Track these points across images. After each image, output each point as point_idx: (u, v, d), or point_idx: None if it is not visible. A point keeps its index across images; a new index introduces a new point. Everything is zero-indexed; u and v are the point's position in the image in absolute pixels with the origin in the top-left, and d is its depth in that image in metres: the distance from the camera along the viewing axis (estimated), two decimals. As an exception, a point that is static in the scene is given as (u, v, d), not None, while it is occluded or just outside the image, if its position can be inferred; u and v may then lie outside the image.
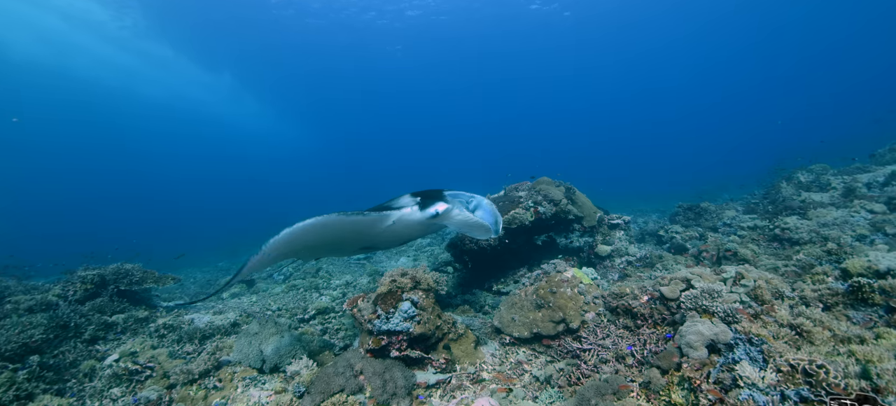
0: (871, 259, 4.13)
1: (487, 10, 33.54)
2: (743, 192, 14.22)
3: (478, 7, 33.25)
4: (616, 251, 8.72)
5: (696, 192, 20.92)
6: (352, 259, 15.86)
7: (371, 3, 31.31)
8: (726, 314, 3.19)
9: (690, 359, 2.91)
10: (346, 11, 31.74)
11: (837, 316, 3.57)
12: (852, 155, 13.08)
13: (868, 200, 7.82)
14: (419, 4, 32.57)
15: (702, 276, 4.04)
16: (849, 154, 14.14)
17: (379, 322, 4.98)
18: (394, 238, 5.39)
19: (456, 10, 33.49)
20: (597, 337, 4.54)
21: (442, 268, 11.35)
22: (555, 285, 5.48)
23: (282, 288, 12.15)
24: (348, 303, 5.78)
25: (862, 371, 2.36)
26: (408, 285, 5.21)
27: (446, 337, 5.30)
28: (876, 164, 11.29)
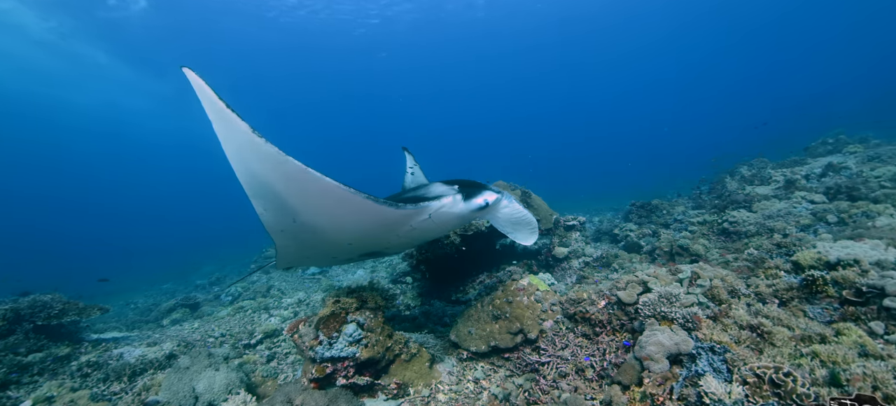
0: (820, 250, 4.13)
1: (425, 13, 33.21)
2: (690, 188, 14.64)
3: (425, 11, 32.96)
4: (573, 252, 8.63)
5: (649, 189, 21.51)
6: (306, 273, 15.19)
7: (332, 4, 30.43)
8: (686, 320, 3.03)
9: (652, 373, 2.71)
10: (298, 11, 30.62)
11: (794, 312, 3.49)
12: (788, 149, 13.78)
13: (808, 191, 8.10)
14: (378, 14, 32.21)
15: (658, 277, 3.89)
16: (783, 148, 14.89)
17: (321, 348, 4.54)
18: (414, 240, 4.35)
19: (396, 17, 33.12)
20: (555, 347, 4.32)
21: (401, 279, 11.00)
22: (511, 294, 5.23)
23: (228, 310, 11.37)
24: (289, 328, 5.31)
25: (830, 376, 2.22)
26: (353, 305, 4.80)
27: (398, 359, 4.92)
28: (811, 157, 11.86)
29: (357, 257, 4.61)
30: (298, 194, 3.09)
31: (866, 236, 4.88)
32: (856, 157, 10.40)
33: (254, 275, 16.23)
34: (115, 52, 31.73)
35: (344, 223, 3.53)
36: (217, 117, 2.60)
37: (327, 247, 4.31)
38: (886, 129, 14.03)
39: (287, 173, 2.82)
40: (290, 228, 3.57)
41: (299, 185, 2.96)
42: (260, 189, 3.05)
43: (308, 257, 5.04)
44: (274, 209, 3.28)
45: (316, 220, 3.44)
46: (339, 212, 3.30)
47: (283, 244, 3.97)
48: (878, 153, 10.11)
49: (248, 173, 2.93)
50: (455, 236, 8.54)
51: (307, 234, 3.70)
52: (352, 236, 3.89)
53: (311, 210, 3.30)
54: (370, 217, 3.39)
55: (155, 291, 18.32)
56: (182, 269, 24.56)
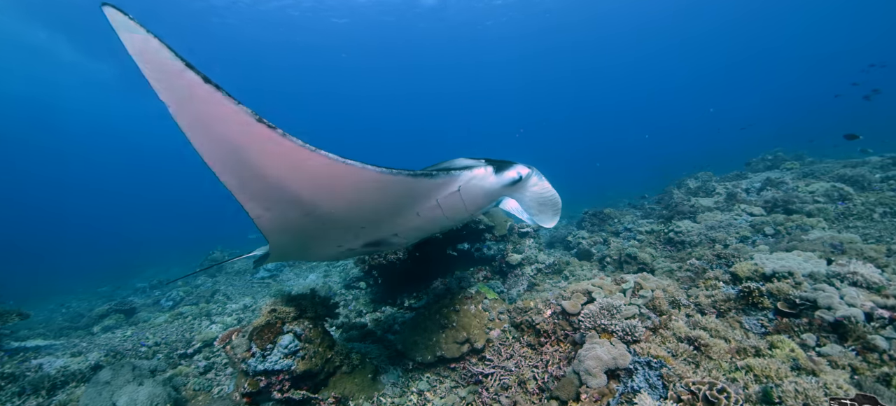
0: (757, 262, 4.23)
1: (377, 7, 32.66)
2: (639, 198, 15.09)
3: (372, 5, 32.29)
4: (526, 259, 8.63)
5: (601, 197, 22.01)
6: (255, 277, 14.57)
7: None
8: (625, 332, 2.98)
9: (589, 388, 2.64)
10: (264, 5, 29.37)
11: (732, 323, 3.53)
12: (730, 164, 14.44)
13: (748, 204, 8.45)
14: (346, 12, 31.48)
15: (603, 286, 3.86)
16: (727, 163, 15.62)
17: (254, 361, 4.24)
18: (431, 222, 3.73)
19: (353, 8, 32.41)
20: (501, 358, 4.21)
21: (354, 284, 10.73)
22: (458, 303, 5.11)
23: (166, 316, 10.70)
24: (221, 338, 4.96)
25: (763, 393, 2.21)
26: (291, 315, 4.52)
27: (339, 370, 4.68)
28: (752, 172, 12.47)
29: (360, 248, 3.98)
30: (324, 189, 2.55)
31: (800, 248, 5.07)
32: (792, 172, 10.99)
33: (198, 278, 15.44)
34: (49, 24, 28.94)
35: (366, 207, 3.00)
36: (182, 94, 1.94)
37: (336, 237, 3.64)
38: (819, 148, 15.00)
39: (312, 171, 2.30)
40: (295, 226, 3.02)
41: (328, 181, 2.45)
42: (263, 191, 2.50)
43: (305, 253, 4.45)
44: (280, 209, 2.71)
45: (334, 214, 2.89)
46: (368, 198, 2.80)
47: (281, 241, 3.40)
48: (812, 170, 10.73)
49: (244, 173, 2.34)
50: (408, 241, 8.34)
51: (317, 228, 3.13)
52: (368, 219, 3.32)
53: (333, 203, 2.76)
54: (398, 192, 2.89)
55: (90, 295, 17.10)
56: (123, 271, 23.08)
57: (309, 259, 5.65)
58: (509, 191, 3.68)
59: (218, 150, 2.23)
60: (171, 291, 13.52)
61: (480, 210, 3.94)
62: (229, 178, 2.42)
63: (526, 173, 3.54)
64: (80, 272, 25.37)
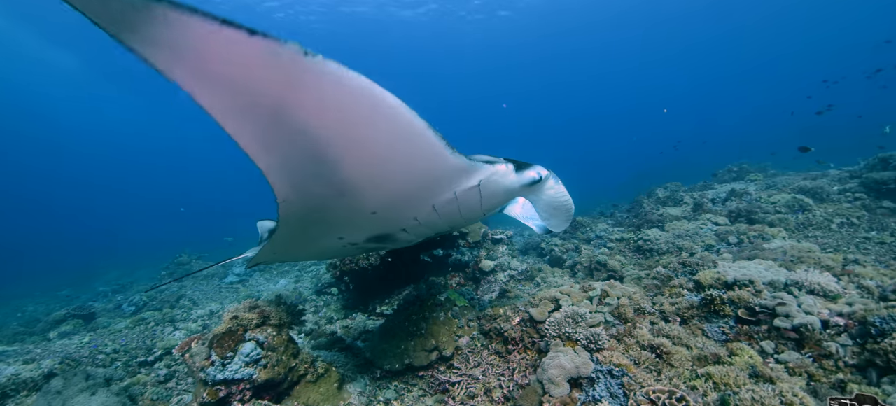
0: (719, 270, 4.31)
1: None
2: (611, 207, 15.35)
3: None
4: (499, 265, 8.64)
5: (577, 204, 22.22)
6: (223, 283, 14.17)
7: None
8: (589, 340, 2.98)
9: (552, 397, 2.62)
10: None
11: (694, 330, 3.58)
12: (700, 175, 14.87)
13: (713, 214, 8.67)
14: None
15: (570, 294, 3.87)
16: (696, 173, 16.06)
17: (213, 370, 4.08)
18: (442, 218, 3.47)
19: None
20: (469, 366, 4.17)
21: (325, 290, 10.56)
22: (428, 309, 5.05)
23: (127, 322, 10.30)
24: (180, 346, 4.77)
25: (721, 401, 2.22)
26: (253, 322, 4.38)
27: (303, 379, 4.54)
28: (718, 182, 12.84)
29: (363, 242, 3.66)
30: (358, 137, 2.19)
31: (761, 257, 5.21)
32: (756, 184, 11.36)
33: (164, 283, 14.93)
34: (7, 14, 27.45)
35: (391, 176, 2.64)
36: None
37: (342, 224, 3.25)
38: (782, 160, 15.58)
39: (370, 109, 1.99)
40: (314, 204, 2.65)
41: (366, 124, 2.12)
42: (292, 133, 2.05)
43: (304, 247, 3.89)
44: (310, 163, 2.24)
45: (355, 182, 2.51)
46: (397, 163, 2.48)
47: (287, 233, 3.03)
48: (774, 182, 11.12)
49: (277, 108, 1.91)
50: (380, 246, 8.25)
51: (330, 206, 2.79)
52: (384, 200, 2.94)
53: (360, 161, 2.38)
54: (429, 164, 2.61)
55: (49, 298, 16.36)
56: (85, 273, 22.14)
57: (305, 257, 5.09)
58: (526, 192, 3.57)
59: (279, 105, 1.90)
60: (133, 296, 13.04)
61: (492, 211, 3.78)
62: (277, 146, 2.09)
63: (545, 175, 3.45)
64: (39, 275, 24.24)
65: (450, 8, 33.63)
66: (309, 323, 8.38)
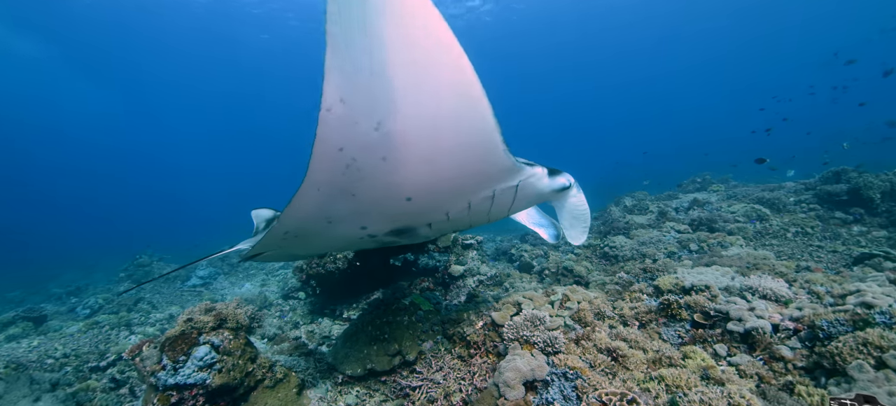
0: (678, 276, 4.40)
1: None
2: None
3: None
4: (468, 271, 8.62)
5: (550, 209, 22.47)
6: (185, 286, 13.71)
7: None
8: (546, 344, 2.99)
9: (507, 400, 2.60)
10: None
11: (651, 334, 3.63)
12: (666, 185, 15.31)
13: (676, 222, 8.90)
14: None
15: (533, 298, 3.87)
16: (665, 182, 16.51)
17: (164, 374, 3.91)
18: (471, 217, 3.33)
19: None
20: (430, 370, 4.11)
21: (293, 294, 10.35)
22: (391, 314, 4.98)
23: (81, 325, 9.84)
24: (130, 350, 4.55)
25: (671, 403, 2.25)
26: (209, 324, 4.22)
27: (260, 385, 4.39)
28: (682, 192, 13.21)
29: (382, 235, 3.37)
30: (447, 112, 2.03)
31: (719, 264, 5.35)
32: (717, 194, 11.75)
33: (121, 285, 14.35)
34: None
35: (447, 160, 2.41)
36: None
37: (374, 213, 2.95)
38: (743, 171, 16.18)
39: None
40: (364, 175, 2.34)
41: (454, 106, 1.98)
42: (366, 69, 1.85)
43: (320, 235, 3.31)
44: (374, 103, 1.99)
45: (416, 142, 2.24)
46: (460, 151, 2.29)
47: (321, 181, 2.44)
48: (735, 192, 11.52)
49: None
50: (349, 250, 8.16)
51: (377, 166, 2.39)
52: (429, 185, 2.67)
53: (436, 139, 2.19)
54: (485, 155, 2.44)
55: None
56: (39, 275, 21.04)
57: (315, 248, 4.32)
58: (553, 198, 3.56)
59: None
60: (88, 298, 12.47)
61: (515, 212, 3.69)
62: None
63: (572, 182, 3.43)
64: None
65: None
66: (273, 327, 8.19)
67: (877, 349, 3.09)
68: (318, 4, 29.50)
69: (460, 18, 33.83)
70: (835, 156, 13.57)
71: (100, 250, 29.47)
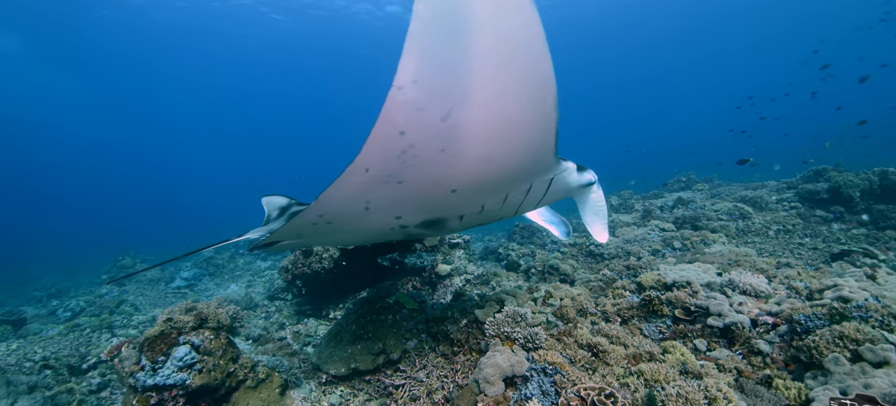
0: (660, 272, 4.44)
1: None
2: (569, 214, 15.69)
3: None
4: (455, 270, 8.62)
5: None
6: (169, 288, 13.51)
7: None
8: (527, 340, 2.98)
9: (487, 396, 2.59)
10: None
11: (633, 330, 3.65)
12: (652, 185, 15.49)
13: (661, 221, 8.98)
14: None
15: (516, 296, 3.87)
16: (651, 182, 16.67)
17: (143, 375, 3.86)
18: (504, 208, 3.27)
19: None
20: (414, 368, 4.09)
21: (279, 295, 10.25)
22: (376, 313, 4.95)
23: (61, 328, 9.65)
24: (109, 351, 4.49)
25: (648, 397, 2.25)
26: (189, 324, 4.17)
27: (242, 385, 4.35)
28: (667, 191, 13.36)
29: (413, 227, 3.25)
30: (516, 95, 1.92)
31: (701, 261, 5.41)
32: (701, 193, 11.89)
33: (103, 287, 14.10)
34: None
35: (504, 150, 2.32)
36: None
37: (413, 202, 2.83)
38: (728, 170, 16.40)
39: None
40: (427, 126, 2.11)
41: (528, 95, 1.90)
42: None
43: (349, 220, 3.03)
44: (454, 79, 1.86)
45: (482, 130, 2.12)
46: (520, 131, 2.16)
47: (377, 161, 2.27)
48: (718, 191, 11.67)
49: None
50: (334, 250, 8.11)
51: (436, 156, 2.28)
52: (478, 178, 2.56)
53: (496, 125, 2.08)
54: (536, 149, 2.35)
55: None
56: (19, 277, 20.57)
57: (341, 238, 4.10)
58: (578, 193, 3.60)
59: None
60: (69, 301, 12.24)
61: (542, 206, 3.68)
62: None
63: (595, 179, 3.48)
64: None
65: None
66: (258, 328, 8.10)
67: (852, 342, 3.13)
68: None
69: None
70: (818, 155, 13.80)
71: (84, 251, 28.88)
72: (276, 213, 4.35)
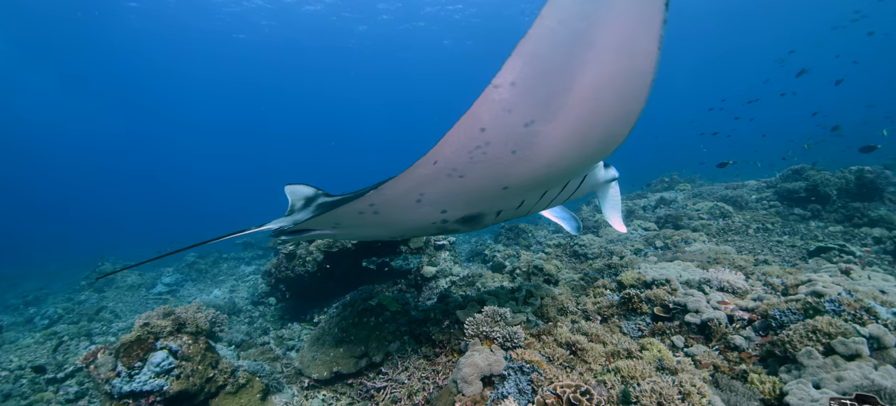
0: (641, 271, 4.48)
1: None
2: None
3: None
4: (441, 272, 8.60)
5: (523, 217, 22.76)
6: (151, 293, 13.27)
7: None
8: (506, 339, 2.99)
9: (464, 396, 2.59)
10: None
11: (612, 328, 3.68)
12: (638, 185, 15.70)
13: (643, 220, 9.08)
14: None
15: (498, 296, 3.87)
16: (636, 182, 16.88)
17: (119, 381, 3.78)
18: (544, 203, 3.24)
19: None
20: (396, 370, 4.07)
21: (263, 300, 10.12)
22: (359, 315, 4.91)
23: (38, 336, 9.41)
24: (84, 357, 4.39)
25: (623, 393, 2.27)
26: (167, 329, 4.10)
27: (222, 391, 4.28)
28: (651, 192, 13.52)
29: (453, 223, 3.14)
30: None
31: (681, 259, 5.47)
32: (684, 193, 12.06)
33: (82, 293, 13.79)
34: None
35: (577, 151, 2.27)
36: None
37: (483, 187, 2.66)
38: (709, 171, 16.65)
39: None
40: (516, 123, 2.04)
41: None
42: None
43: (397, 210, 2.96)
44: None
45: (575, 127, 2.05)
46: (599, 131, 2.12)
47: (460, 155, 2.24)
48: (700, 191, 11.84)
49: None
50: (318, 253, 8.05)
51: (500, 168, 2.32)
52: (536, 176, 2.50)
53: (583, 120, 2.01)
54: (598, 149, 2.32)
55: None
56: (-4, 285, 20.03)
57: (385, 231, 3.56)
58: (605, 187, 3.78)
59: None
60: (47, 308, 11.95)
61: (569, 201, 3.79)
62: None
63: (617, 175, 3.68)
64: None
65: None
66: (241, 334, 8.00)
67: (825, 336, 3.20)
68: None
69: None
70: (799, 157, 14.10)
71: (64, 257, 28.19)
72: (301, 202, 4.23)
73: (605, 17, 1.55)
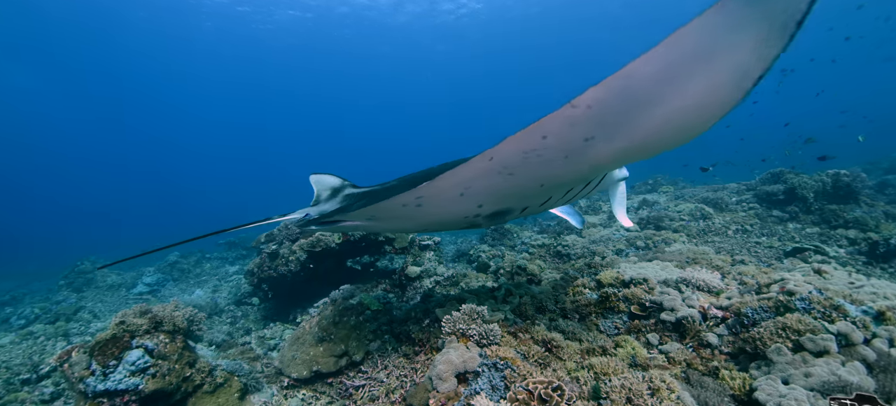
0: (619, 270, 4.53)
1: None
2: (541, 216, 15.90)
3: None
4: (425, 272, 8.59)
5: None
6: (131, 293, 13.07)
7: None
8: (482, 336, 3.01)
9: (438, 392, 2.60)
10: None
11: (590, 326, 3.72)
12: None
13: (626, 220, 9.19)
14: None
15: (478, 295, 3.89)
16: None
17: (93, 380, 3.73)
18: (562, 200, 3.30)
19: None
20: (376, 369, 4.07)
21: (245, 300, 10.03)
22: (339, 314, 4.90)
23: (13, 336, 9.23)
24: (58, 356, 4.32)
25: (594, 389, 2.30)
26: (143, 327, 4.05)
27: (199, 390, 4.24)
28: (635, 194, 13.69)
29: (484, 218, 3.20)
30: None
31: (661, 259, 5.55)
32: (666, 195, 12.22)
33: (61, 293, 13.52)
34: None
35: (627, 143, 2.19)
36: None
37: (529, 184, 2.70)
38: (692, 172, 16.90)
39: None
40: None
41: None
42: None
43: (439, 203, 2.93)
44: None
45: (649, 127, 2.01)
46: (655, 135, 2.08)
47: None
48: (682, 193, 12.02)
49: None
50: (301, 252, 8.00)
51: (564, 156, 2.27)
52: (560, 181, 2.61)
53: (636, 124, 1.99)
54: (631, 161, 2.45)
55: None
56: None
57: (422, 224, 3.39)
58: (617, 185, 4.03)
59: None
60: (24, 308, 11.70)
61: (583, 198, 4.23)
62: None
63: (628, 175, 3.91)
64: None
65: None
66: (222, 334, 7.92)
67: (794, 333, 3.27)
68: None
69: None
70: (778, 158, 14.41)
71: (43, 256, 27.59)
72: (327, 192, 4.19)
73: (699, 80, 1.66)
